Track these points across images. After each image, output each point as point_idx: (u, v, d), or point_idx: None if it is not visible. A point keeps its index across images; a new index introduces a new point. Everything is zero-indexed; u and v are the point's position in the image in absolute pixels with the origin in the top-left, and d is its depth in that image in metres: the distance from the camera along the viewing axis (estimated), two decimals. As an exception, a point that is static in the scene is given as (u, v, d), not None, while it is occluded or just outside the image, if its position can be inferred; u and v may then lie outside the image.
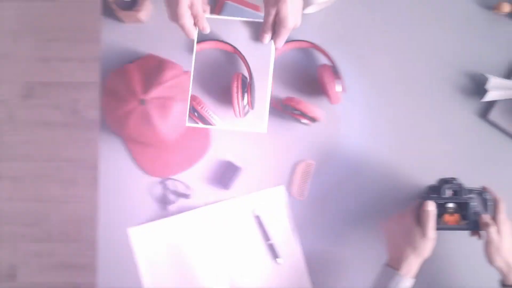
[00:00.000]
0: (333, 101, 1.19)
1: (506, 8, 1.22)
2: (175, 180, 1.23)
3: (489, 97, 1.20)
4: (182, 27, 1.02)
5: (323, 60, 1.23)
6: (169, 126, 1.16)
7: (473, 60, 1.23)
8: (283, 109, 1.17)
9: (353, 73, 1.24)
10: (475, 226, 1.08)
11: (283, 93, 1.23)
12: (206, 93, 1.19)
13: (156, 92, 1.16)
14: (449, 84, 1.23)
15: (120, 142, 1.23)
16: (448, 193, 1.09)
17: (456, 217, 1.09)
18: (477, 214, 1.08)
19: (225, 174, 1.22)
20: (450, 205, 1.09)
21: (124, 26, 1.25)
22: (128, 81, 1.16)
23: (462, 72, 1.22)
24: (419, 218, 1.07)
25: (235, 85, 1.09)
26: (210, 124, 1.10)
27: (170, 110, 1.16)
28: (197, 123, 1.10)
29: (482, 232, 1.08)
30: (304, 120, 1.13)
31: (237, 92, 1.09)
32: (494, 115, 1.22)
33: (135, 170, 1.23)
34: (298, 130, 1.24)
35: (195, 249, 1.21)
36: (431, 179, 1.14)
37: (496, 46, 1.23)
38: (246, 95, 1.09)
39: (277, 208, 1.22)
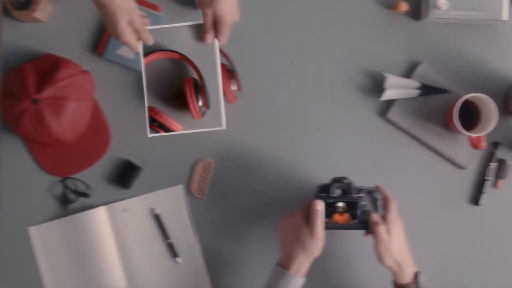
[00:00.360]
0: (229, 100, 1.19)
1: (403, 7, 1.22)
2: (75, 179, 1.23)
3: (386, 96, 1.20)
4: (126, 44, 1.05)
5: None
6: (64, 126, 1.17)
7: (372, 59, 1.23)
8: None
9: (250, 72, 1.23)
10: (364, 225, 1.08)
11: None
12: (162, 102, 1.17)
13: (49, 92, 1.16)
14: (349, 83, 1.23)
15: (20, 141, 1.23)
16: (337, 192, 1.08)
17: (346, 216, 1.07)
18: (367, 213, 1.07)
19: (125, 173, 1.22)
20: (340, 204, 1.08)
21: (24, 25, 1.25)
22: (22, 80, 1.16)
23: (362, 71, 1.22)
24: (308, 218, 1.06)
25: (187, 89, 1.11)
26: (172, 130, 1.12)
27: (63, 110, 1.16)
28: (158, 132, 1.12)
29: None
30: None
31: (191, 96, 1.10)
32: (392, 114, 1.22)
33: (35, 169, 1.23)
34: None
35: (95, 248, 1.21)
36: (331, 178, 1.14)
37: (394, 45, 1.23)
38: (200, 97, 1.11)
39: (176, 207, 1.22)
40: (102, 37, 1.23)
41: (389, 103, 1.23)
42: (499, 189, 1.22)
